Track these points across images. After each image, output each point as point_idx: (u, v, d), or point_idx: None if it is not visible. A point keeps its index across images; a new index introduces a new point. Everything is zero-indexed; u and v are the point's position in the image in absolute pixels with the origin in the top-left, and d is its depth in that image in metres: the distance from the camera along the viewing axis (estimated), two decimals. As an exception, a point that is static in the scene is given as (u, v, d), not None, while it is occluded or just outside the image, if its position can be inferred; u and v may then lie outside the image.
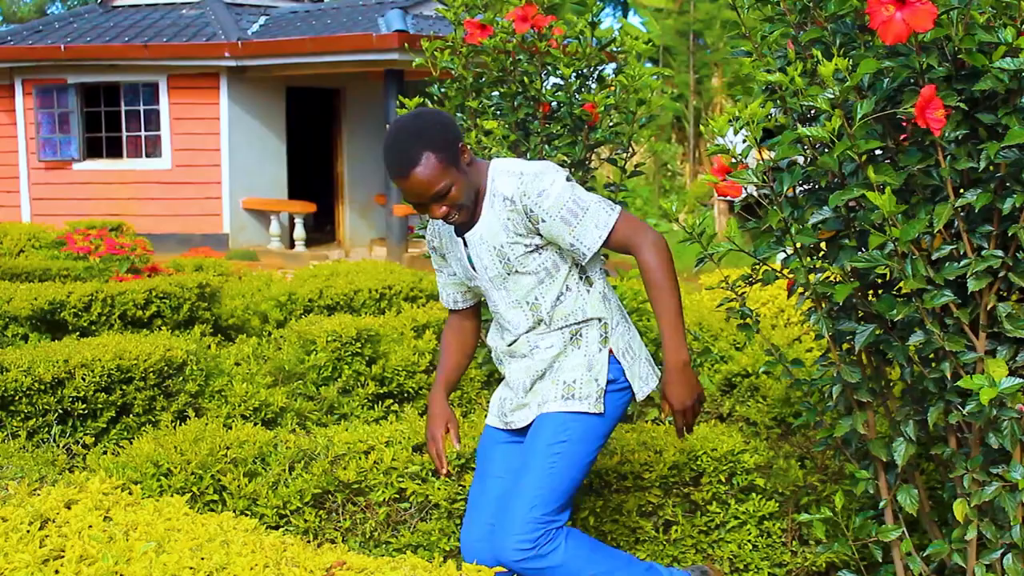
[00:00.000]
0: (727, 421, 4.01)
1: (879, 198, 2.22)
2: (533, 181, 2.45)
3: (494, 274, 2.59)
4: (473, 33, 3.64)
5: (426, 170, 2.39)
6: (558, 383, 2.60)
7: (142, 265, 6.95)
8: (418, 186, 2.40)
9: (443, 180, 2.41)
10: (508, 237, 2.51)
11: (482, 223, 2.54)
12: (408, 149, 2.39)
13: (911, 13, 2.12)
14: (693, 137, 20.25)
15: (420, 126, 2.43)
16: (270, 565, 1.80)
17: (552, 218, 2.45)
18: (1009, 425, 2.32)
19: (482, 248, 2.56)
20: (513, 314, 2.62)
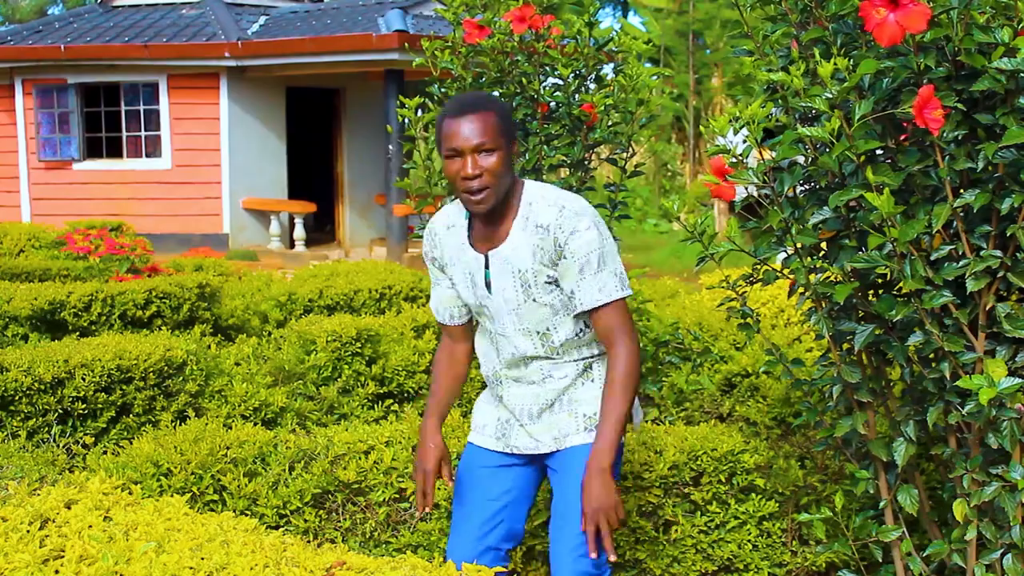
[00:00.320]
0: (727, 421, 4.01)
1: (878, 199, 2.22)
2: (572, 218, 2.42)
3: (510, 297, 2.50)
4: (472, 33, 3.64)
5: (484, 120, 2.39)
6: (577, 416, 2.56)
7: (142, 265, 6.95)
8: (470, 129, 2.38)
9: (493, 140, 2.38)
10: (534, 264, 2.46)
11: (510, 244, 2.47)
12: (478, 99, 2.46)
13: (904, 15, 2.13)
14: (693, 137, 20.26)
15: (496, 98, 2.52)
16: (270, 565, 1.80)
17: (570, 259, 2.43)
18: (1008, 425, 2.32)
19: (504, 269, 2.48)
20: (521, 341, 2.54)
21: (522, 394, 2.60)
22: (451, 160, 2.42)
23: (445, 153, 2.43)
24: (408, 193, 3.97)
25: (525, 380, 2.59)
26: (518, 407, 2.61)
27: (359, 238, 14.62)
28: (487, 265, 2.51)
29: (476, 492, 2.66)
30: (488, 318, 2.58)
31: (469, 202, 2.42)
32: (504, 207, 2.47)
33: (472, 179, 2.38)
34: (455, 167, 2.41)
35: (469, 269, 2.55)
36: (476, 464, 2.68)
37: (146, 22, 14.26)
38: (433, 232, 2.63)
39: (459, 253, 2.56)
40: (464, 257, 2.55)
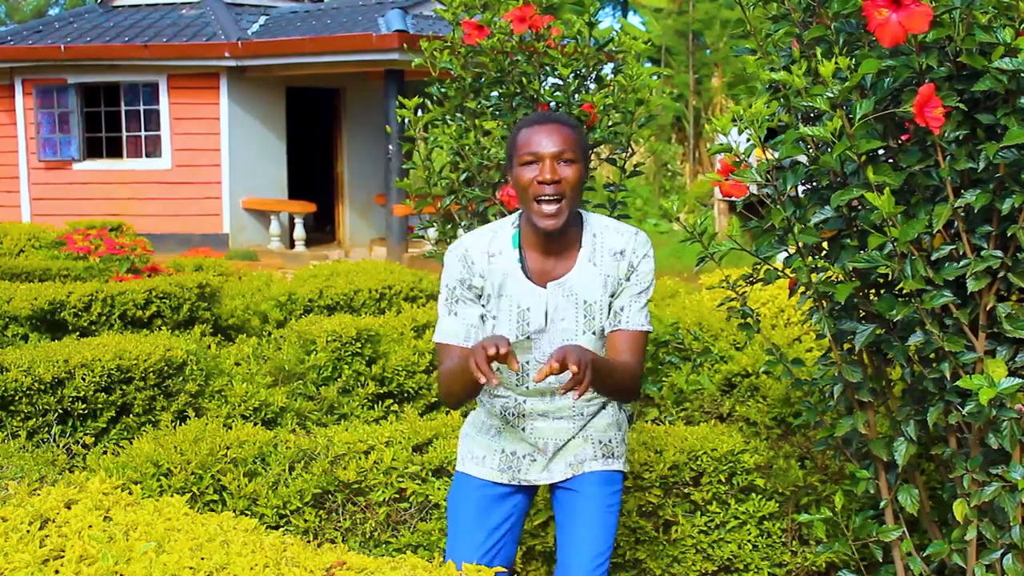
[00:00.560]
0: (727, 421, 4.01)
1: (879, 199, 2.22)
2: (644, 244, 2.45)
3: (568, 327, 2.42)
4: (471, 34, 3.64)
5: (566, 131, 2.35)
6: (593, 442, 2.55)
7: (142, 265, 6.95)
8: (552, 136, 2.33)
9: (574, 152, 2.33)
10: (602, 296, 2.41)
11: (576, 275, 2.41)
12: (560, 114, 2.43)
13: (906, 15, 2.12)
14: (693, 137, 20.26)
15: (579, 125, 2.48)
16: (270, 565, 1.80)
17: (634, 281, 2.43)
18: (1008, 425, 2.32)
19: (567, 300, 2.41)
20: (566, 375, 2.36)
21: (549, 428, 2.53)
22: (527, 167, 2.33)
23: (521, 160, 2.34)
24: (408, 193, 3.97)
25: (553, 415, 2.52)
26: (542, 441, 2.53)
27: (359, 238, 14.62)
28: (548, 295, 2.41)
29: (476, 522, 2.57)
30: (524, 352, 2.44)
31: (541, 214, 2.32)
32: (568, 235, 2.40)
33: (550, 184, 2.30)
34: (530, 174, 2.32)
35: (524, 303, 2.42)
36: (475, 495, 2.58)
37: (146, 22, 14.27)
38: (469, 259, 2.44)
39: (507, 284, 2.42)
40: (514, 290, 2.42)
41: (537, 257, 2.43)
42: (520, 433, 2.54)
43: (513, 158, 2.38)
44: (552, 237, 2.38)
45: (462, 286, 2.44)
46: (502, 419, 2.56)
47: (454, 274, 2.45)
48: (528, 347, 2.44)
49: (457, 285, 2.45)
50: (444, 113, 3.86)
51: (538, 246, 2.41)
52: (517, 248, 2.44)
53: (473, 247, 2.45)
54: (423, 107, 3.92)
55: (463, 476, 2.62)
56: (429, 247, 4.07)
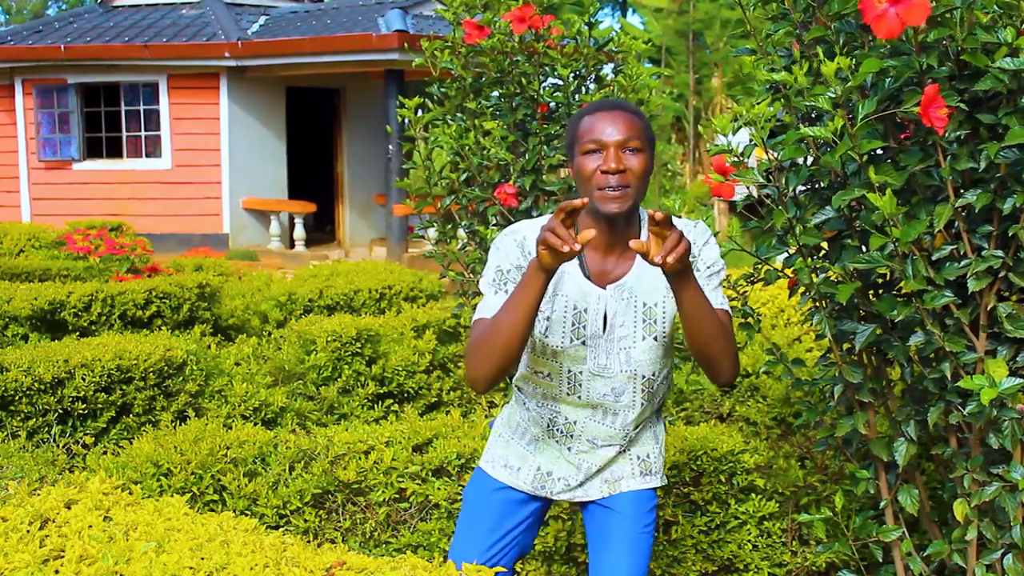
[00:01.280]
0: (727, 421, 4.01)
1: (879, 199, 2.22)
2: (703, 232, 2.30)
3: (627, 334, 2.27)
4: (471, 34, 3.64)
5: (632, 119, 2.19)
6: (631, 458, 2.43)
7: (142, 265, 6.95)
8: (616, 124, 2.17)
9: (640, 141, 2.17)
10: (665, 297, 2.26)
11: (635, 274, 2.25)
12: (629, 104, 2.27)
13: (905, 8, 2.12)
14: (693, 137, 20.26)
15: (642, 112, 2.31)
16: (270, 565, 1.79)
17: (703, 269, 2.28)
18: (1009, 425, 2.32)
19: (627, 304, 2.26)
20: (622, 383, 2.30)
21: (596, 454, 2.40)
22: (589, 156, 2.17)
23: (583, 149, 2.18)
24: (408, 193, 3.97)
25: (602, 442, 2.38)
26: (586, 465, 2.41)
27: (359, 238, 14.62)
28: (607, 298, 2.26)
29: (493, 524, 2.46)
30: (571, 360, 2.29)
31: (603, 198, 2.16)
32: (631, 231, 2.25)
33: (613, 173, 2.14)
34: (593, 163, 2.17)
35: (581, 304, 2.25)
36: (497, 498, 2.46)
37: (146, 22, 14.27)
38: (527, 249, 2.25)
39: (565, 284, 2.26)
40: (573, 290, 2.26)
41: (597, 257, 2.27)
42: (563, 452, 2.40)
43: (574, 146, 2.21)
44: (613, 228, 2.22)
45: (517, 271, 2.25)
46: (547, 432, 2.41)
47: (509, 258, 2.26)
48: (583, 356, 2.28)
49: (512, 268, 2.25)
50: (444, 113, 3.86)
51: (599, 243, 2.24)
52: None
53: (532, 234, 2.27)
54: (423, 107, 3.92)
55: (488, 477, 2.48)
56: (429, 247, 4.07)
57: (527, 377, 2.38)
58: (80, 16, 14.93)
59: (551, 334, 2.27)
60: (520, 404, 2.46)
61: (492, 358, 2.14)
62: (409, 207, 4.08)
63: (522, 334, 2.10)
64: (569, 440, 2.38)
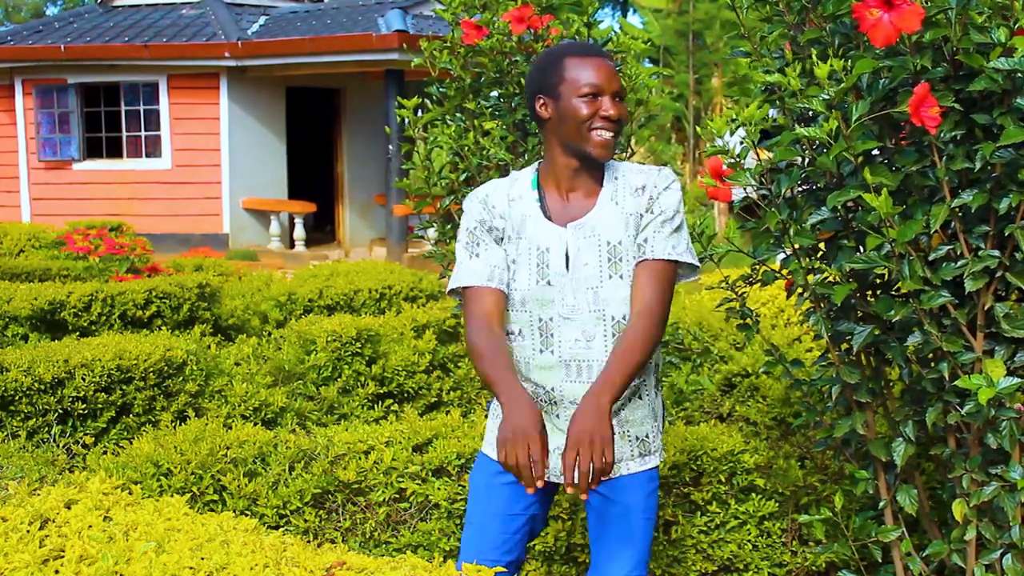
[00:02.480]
0: (727, 421, 4.01)
1: (876, 199, 2.22)
2: (666, 177, 2.37)
3: (592, 274, 2.31)
4: (470, 34, 3.64)
5: (616, 71, 2.33)
6: (630, 439, 2.41)
7: (142, 265, 6.96)
8: (612, 72, 2.31)
9: (623, 91, 2.34)
10: (629, 233, 2.32)
11: (597, 214, 2.33)
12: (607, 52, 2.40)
13: (898, 15, 2.13)
14: (693, 137, 20.25)
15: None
16: (270, 565, 1.80)
17: (656, 212, 2.33)
18: (1007, 425, 2.32)
19: (590, 243, 2.32)
20: (592, 325, 2.31)
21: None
22: (584, 100, 2.28)
23: (579, 92, 2.28)
24: (408, 193, 3.97)
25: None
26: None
27: (359, 238, 14.62)
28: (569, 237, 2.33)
29: (498, 506, 2.46)
30: (540, 304, 2.34)
31: (598, 144, 2.28)
32: (593, 175, 2.36)
33: (613, 120, 2.28)
34: (589, 108, 2.27)
35: (543, 244, 2.34)
36: (499, 481, 2.45)
37: (146, 22, 14.27)
38: (491, 205, 2.39)
39: (525, 226, 2.36)
40: (534, 231, 2.35)
41: (557, 197, 2.37)
42: (554, 421, 2.38)
43: (560, 87, 2.29)
44: (582, 171, 2.34)
45: (482, 227, 2.38)
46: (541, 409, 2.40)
47: (474, 216, 2.39)
48: (550, 298, 2.33)
49: (478, 226, 2.38)
50: (444, 113, 3.87)
51: (560, 185, 2.36)
52: (536, 189, 2.39)
53: (494, 190, 2.42)
54: (423, 107, 3.92)
55: (491, 461, 2.48)
56: (429, 247, 4.07)
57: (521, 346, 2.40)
58: (80, 16, 14.93)
59: (518, 277, 2.35)
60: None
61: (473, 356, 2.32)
62: (409, 207, 4.08)
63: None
64: (556, 407, 2.38)
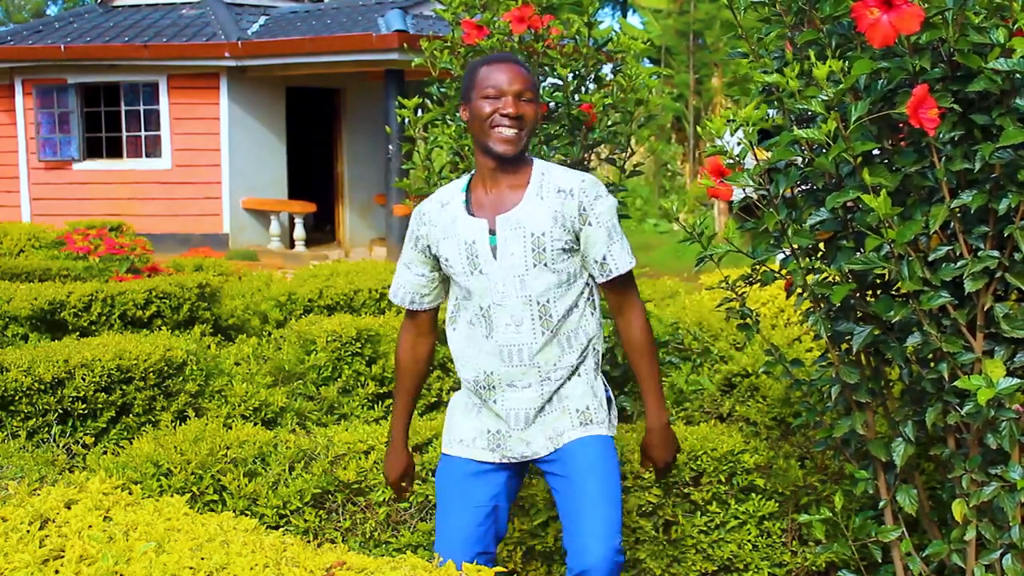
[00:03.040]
0: (727, 421, 4.01)
1: (875, 200, 2.22)
2: (593, 185, 2.55)
3: (518, 263, 2.49)
4: (471, 33, 3.64)
5: (524, 73, 2.52)
6: (570, 412, 2.58)
7: (142, 265, 6.95)
8: (512, 75, 2.49)
9: (534, 95, 2.51)
10: (552, 228, 2.49)
11: (523, 209, 2.51)
12: (515, 57, 2.61)
13: (897, 16, 2.13)
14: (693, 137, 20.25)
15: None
16: (270, 565, 1.80)
17: (599, 225, 2.52)
18: (1007, 425, 2.32)
19: (516, 234, 2.50)
20: (520, 310, 2.50)
21: (517, 399, 2.56)
22: (487, 101, 2.48)
23: (482, 94, 2.48)
24: (408, 193, 3.97)
25: (520, 383, 2.55)
26: (513, 413, 2.57)
27: (359, 238, 14.62)
28: (492, 231, 2.52)
29: (462, 500, 2.62)
30: (480, 293, 2.53)
31: (498, 140, 2.47)
32: (519, 172, 2.54)
33: (511, 117, 2.46)
34: (491, 107, 2.47)
35: (469, 237, 2.53)
36: (459, 473, 2.64)
37: (146, 22, 14.27)
38: (422, 213, 2.62)
39: (455, 226, 2.55)
40: (461, 228, 2.54)
41: (481, 193, 2.56)
42: (492, 406, 2.59)
43: (472, 91, 2.52)
44: (503, 167, 2.52)
45: (413, 243, 2.64)
46: (475, 394, 2.62)
47: (412, 229, 2.65)
48: (486, 287, 2.52)
49: (409, 243, 2.66)
50: (444, 113, 3.87)
51: (487, 182, 2.55)
52: (464, 191, 2.59)
53: (428, 202, 2.65)
54: (423, 107, 3.92)
55: (449, 459, 2.68)
56: (429, 247, 4.07)
57: (464, 339, 2.61)
58: (80, 16, 14.93)
59: (454, 270, 2.57)
60: (462, 384, 2.70)
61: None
62: (409, 207, 4.08)
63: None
64: (492, 392, 2.58)
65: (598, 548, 2.47)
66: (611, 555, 2.48)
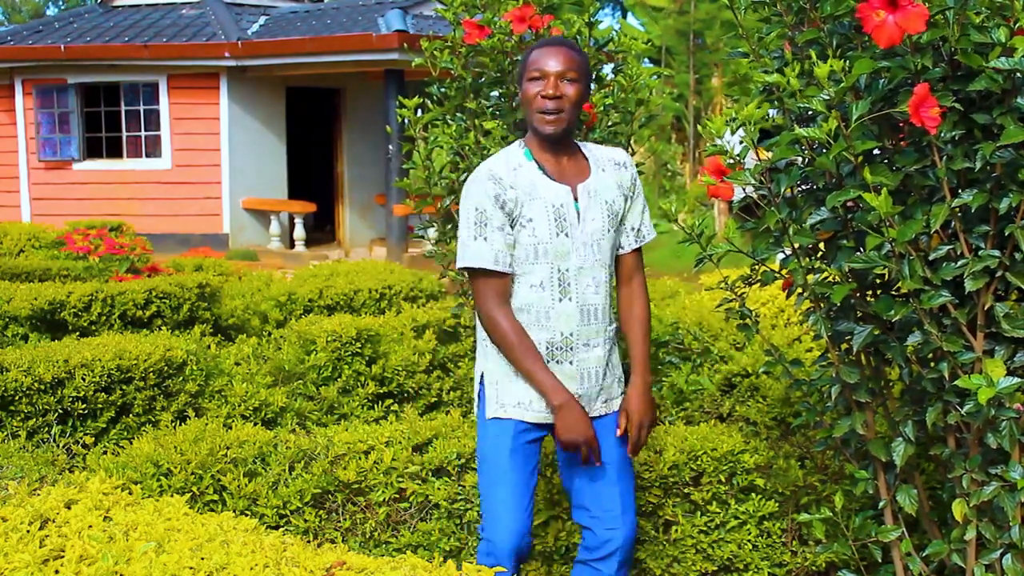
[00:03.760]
0: (727, 421, 4.01)
1: (875, 199, 2.22)
2: (628, 156, 2.76)
3: (597, 228, 2.63)
4: (471, 33, 3.64)
5: (572, 55, 2.58)
6: (616, 378, 2.77)
7: (142, 265, 6.95)
8: (558, 58, 2.56)
9: (576, 73, 2.57)
10: (616, 198, 2.68)
11: (594, 179, 2.66)
12: (573, 43, 2.68)
13: (903, 16, 2.13)
14: (693, 137, 20.24)
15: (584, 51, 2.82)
16: (270, 565, 1.80)
17: (638, 196, 2.74)
18: (1007, 425, 2.32)
19: (594, 201, 2.64)
20: (600, 272, 2.64)
21: (591, 358, 2.66)
22: (533, 82, 2.57)
23: (529, 76, 2.58)
24: (408, 193, 3.97)
25: (594, 343, 2.66)
26: (588, 372, 2.67)
27: (359, 238, 14.62)
28: (575, 197, 2.63)
29: (522, 464, 2.65)
30: (561, 255, 2.60)
31: (542, 121, 2.57)
32: (572, 147, 2.67)
33: (551, 99, 2.54)
34: (535, 88, 2.57)
35: (556, 200, 2.60)
36: (516, 436, 2.64)
37: (146, 22, 14.27)
38: (496, 176, 2.58)
39: (538, 189, 2.61)
40: (545, 191, 2.61)
41: (552, 164, 2.64)
42: (567, 368, 2.64)
43: (523, 75, 2.61)
44: (558, 145, 2.63)
45: (494, 204, 2.56)
46: (548, 356, 2.62)
47: (485, 193, 2.58)
48: (567, 250, 2.60)
49: (488, 206, 2.57)
50: (444, 113, 3.87)
51: (547, 155, 2.64)
52: (532, 160, 2.64)
53: (496, 166, 2.62)
54: (423, 107, 3.92)
55: (504, 423, 2.64)
56: (429, 247, 4.07)
57: (523, 303, 2.63)
58: (80, 16, 14.93)
59: (537, 231, 2.59)
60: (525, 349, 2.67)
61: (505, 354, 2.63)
62: (409, 207, 4.08)
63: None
64: (570, 353, 2.64)
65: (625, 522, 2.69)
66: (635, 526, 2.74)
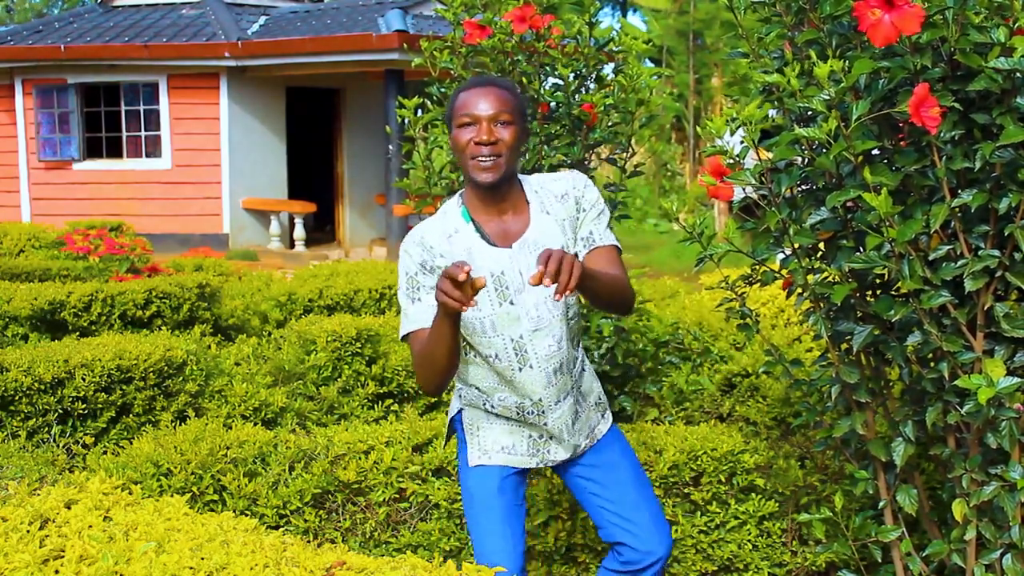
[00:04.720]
0: (727, 421, 4.01)
1: (875, 199, 2.22)
2: (579, 177, 2.51)
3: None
4: (472, 33, 3.64)
5: (503, 94, 2.39)
6: (592, 405, 2.65)
7: (142, 265, 6.95)
8: (488, 99, 2.37)
9: (510, 114, 2.37)
10: (567, 236, 2.45)
11: (533, 229, 2.43)
12: (496, 78, 2.51)
13: (899, 16, 2.13)
14: (693, 137, 20.25)
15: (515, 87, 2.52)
16: (270, 565, 1.80)
17: (591, 208, 2.49)
18: (1007, 425, 2.32)
19: (534, 256, 2.40)
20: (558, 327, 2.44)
21: (563, 411, 2.53)
22: (464, 128, 2.38)
23: (458, 122, 2.38)
24: (408, 193, 3.97)
25: (562, 396, 2.51)
26: (563, 426, 2.54)
27: (359, 238, 14.62)
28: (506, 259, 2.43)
29: (510, 506, 2.56)
30: (509, 324, 2.42)
31: (477, 169, 2.36)
32: (515, 194, 2.44)
33: (486, 144, 2.35)
34: (468, 135, 2.37)
35: (496, 269, 2.41)
36: (501, 480, 2.56)
37: (146, 22, 14.27)
38: (427, 245, 2.43)
39: (472, 257, 2.41)
40: (484, 261, 2.41)
41: (492, 222, 2.44)
42: (542, 428, 2.54)
43: (451, 121, 2.41)
44: (496, 194, 2.41)
45: (423, 270, 2.42)
46: (519, 418, 2.53)
47: (415, 259, 2.43)
48: (516, 316, 2.42)
49: (418, 270, 2.42)
50: (444, 113, 3.86)
51: (488, 210, 2.44)
52: (470, 221, 2.45)
53: (429, 231, 2.46)
54: (423, 107, 3.92)
55: (488, 470, 2.56)
56: (429, 247, 4.06)
57: (478, 372, 2.50)
58: (80, 16, 14.93)
59: (480, 306, 2.41)
60: (480, 404, 2.57)
61: (436, 372, 2.36)
62: (409, 207, 4.08)
63: (453, 349, 2.32)
64: (544, 416, 2.52)
65: (664, 532, 2.62)
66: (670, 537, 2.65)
